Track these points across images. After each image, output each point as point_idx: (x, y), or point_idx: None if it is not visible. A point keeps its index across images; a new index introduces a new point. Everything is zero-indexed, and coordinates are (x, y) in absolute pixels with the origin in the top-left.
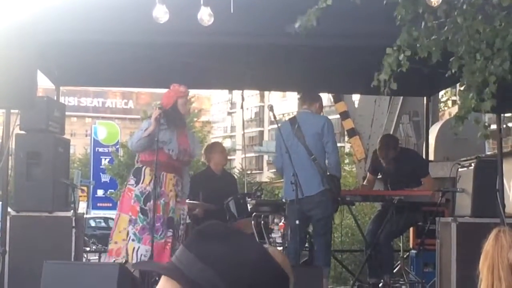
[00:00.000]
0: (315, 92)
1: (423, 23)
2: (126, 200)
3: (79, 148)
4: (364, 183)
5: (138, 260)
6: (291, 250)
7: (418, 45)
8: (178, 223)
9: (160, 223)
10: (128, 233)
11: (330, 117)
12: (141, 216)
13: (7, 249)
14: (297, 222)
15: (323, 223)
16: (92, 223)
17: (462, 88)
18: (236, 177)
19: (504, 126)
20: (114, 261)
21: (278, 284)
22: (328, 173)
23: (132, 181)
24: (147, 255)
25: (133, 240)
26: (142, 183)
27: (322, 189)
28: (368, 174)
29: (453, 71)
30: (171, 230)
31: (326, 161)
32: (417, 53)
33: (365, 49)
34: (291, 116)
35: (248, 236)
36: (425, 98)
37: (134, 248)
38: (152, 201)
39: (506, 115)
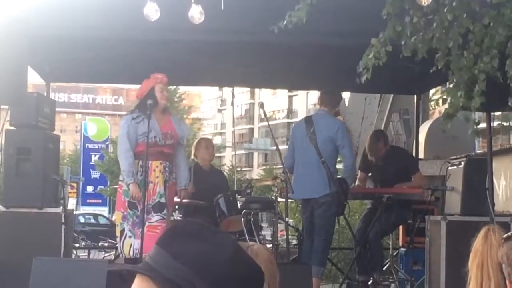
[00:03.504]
0: (338, 94)
1: (408, 19)
2: (118, 197)
3: (69, 144)
4: (357, 183)
5: (133, 255)
6: (307, 249)
7: (402, 43)
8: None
9: (146, 212)
10: (123, 230)
11: None
12: (130, 211)
13: None
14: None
15: (322, 220)
16: (82, 220)
17: (451, 86)
18: (226, 174)
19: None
20: (104, 257)
21: (254, 279)
22: (338, 177)
23: (120, 177)
24: (138, 248)
25: (130, 236)
26: None
27: (328, 192)
28: (359, 172)
29: (439, 67)
30: (159, 214)
31: (342, 164)
32: (401, 51)
33: (355, 47)
34: (307, 115)
35: (223, 233)
36: (415, 96)
37: (131, 245)
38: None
39: (496, 113)
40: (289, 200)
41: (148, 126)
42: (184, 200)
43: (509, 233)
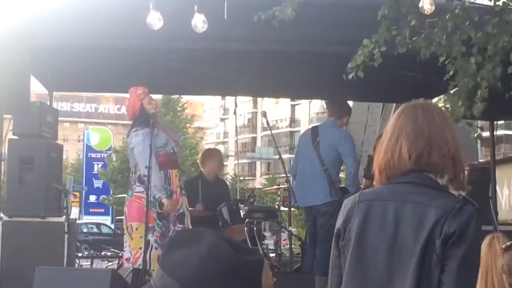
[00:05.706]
0: (343, 104)
1: (405, 22)
2: (136, 208)
3: (71, 153)
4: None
5: None
6: (310, 258)
7: (397, 41)
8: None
9: (171, 222)
10: (149, 242)
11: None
12: (159, 222)
13: None
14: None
15: (324, 230)
16: (85, 229)
17: (452, 92)
18: (228, 183)
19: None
20: (107, 266)
21: (239, 270)
22: (340, 185)
23: (139, 189)
24: None
25: (156, 248)
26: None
27: (329, 200)
28: (364, 180)
29: (451, 73)
30: (181, 225)
31: (346, 172)
32: (403, 62)
33: None
34: (314, 125)
35: (207, 232)
36: None
37: (158, 256)
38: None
39: (499, 122)
40: (292, 209)
41: (151, 137)
42: (190, 209)
43: (508, 243)
